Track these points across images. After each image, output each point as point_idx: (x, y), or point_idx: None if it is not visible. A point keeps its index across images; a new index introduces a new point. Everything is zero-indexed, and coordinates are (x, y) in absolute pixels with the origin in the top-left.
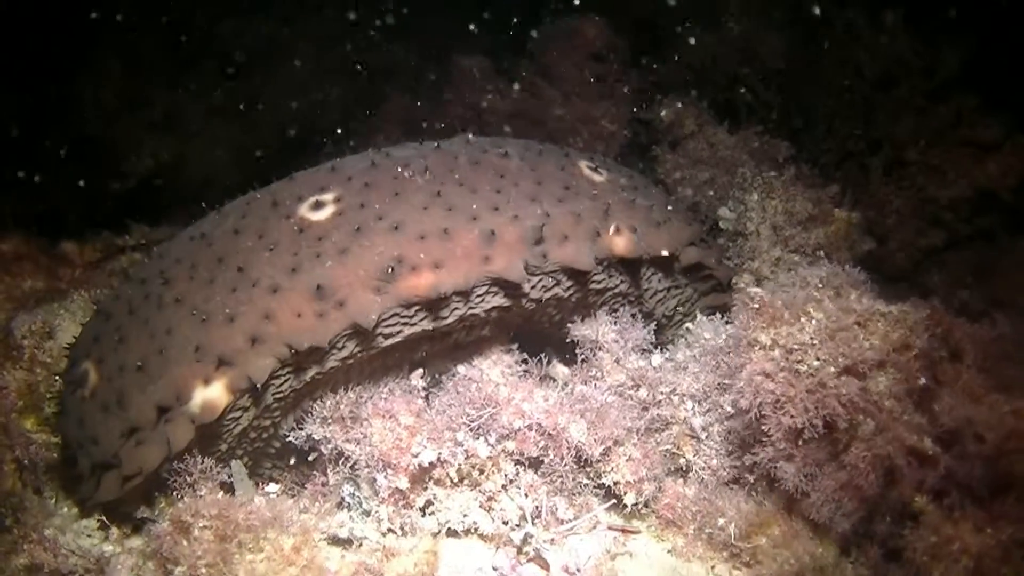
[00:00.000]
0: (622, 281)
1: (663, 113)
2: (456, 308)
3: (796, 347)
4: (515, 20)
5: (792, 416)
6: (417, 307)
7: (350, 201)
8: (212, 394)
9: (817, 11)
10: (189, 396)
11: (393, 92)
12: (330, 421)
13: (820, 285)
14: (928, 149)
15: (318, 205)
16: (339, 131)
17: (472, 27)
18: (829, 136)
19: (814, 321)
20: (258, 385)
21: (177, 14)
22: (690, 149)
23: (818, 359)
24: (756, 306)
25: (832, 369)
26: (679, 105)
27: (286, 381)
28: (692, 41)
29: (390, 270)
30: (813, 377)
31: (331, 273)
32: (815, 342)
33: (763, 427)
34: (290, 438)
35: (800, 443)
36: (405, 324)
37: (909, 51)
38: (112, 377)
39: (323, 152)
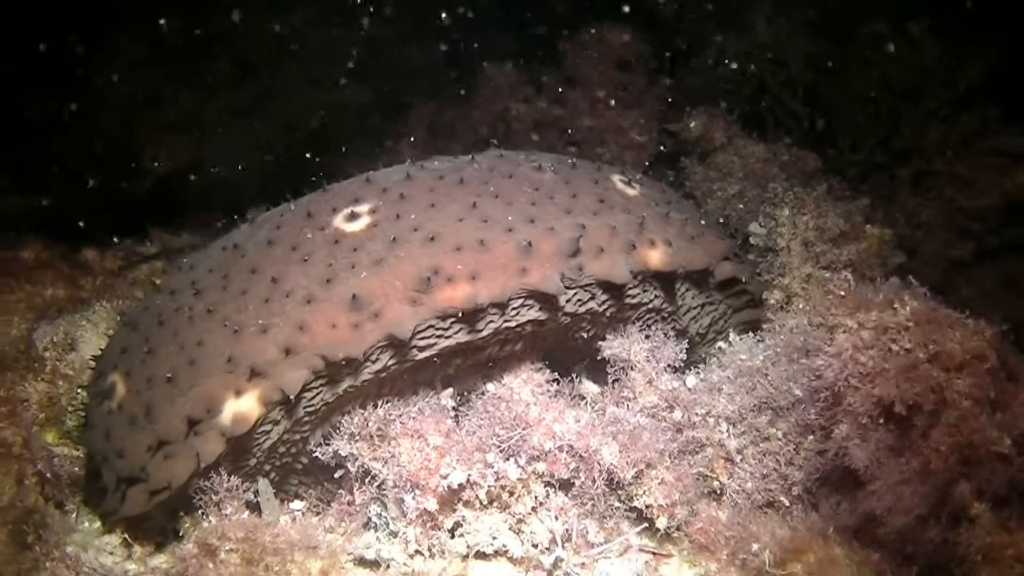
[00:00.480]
0: (656, 296)
1: (692, 124)
2: (491, 321)
3: (891, 326)
4: (540, 26)
5: (883, 388)
6: (453, 319)
7: (385, 212)
8: (244, 406)
9: (843, 21)
10: (220, 408)
11: (416, 96)
12: (358, 438)
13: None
14: (956, 159)
15: (353, 216)
16: (362, 135)
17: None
18: (856, 147)
19: (908, 308)
20: (291, 397)
21: (193, 13)
22: (719, 161)
23: (911, 342)
24: (842, 293)
25: (922, 355)
26: (708, 116)
27: (318, 394)
28: (720, 51)
29: (427, 280)
30: (906, 357)
31: (366, 284)
32: (910, 324)
33: (847, 400)
34: (317, 453)
35: (882, 420)
36: (440, 336)
37: (935, 61)
38: (140, 389)
39: (345, 156)
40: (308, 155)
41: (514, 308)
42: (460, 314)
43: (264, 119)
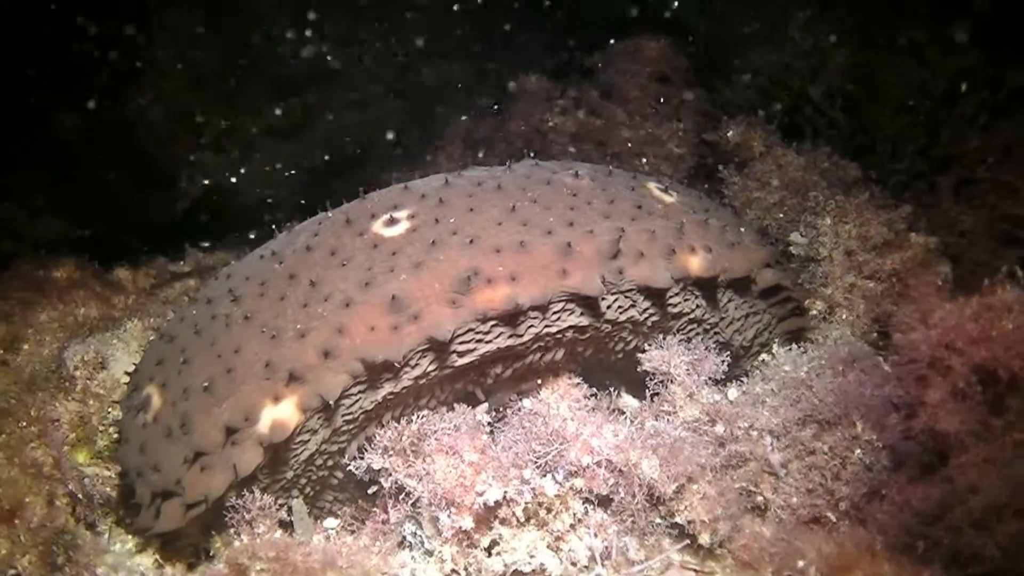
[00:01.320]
0: (698, 305)
1: (729, 134)
2: (532, 325)
3: (996, 304)
4: (574, 39)
5: (989, 353)
6: (493, 322)
7: (424, 217)
8: (282, 413)
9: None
10: (258, 416)
11: (451, 111)
12: (392, 452)
13: None
14: (998, 166)
15: (392, 222)
16: (398, 150)
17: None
18: (896, 155)
19: (1010, 293)
20: (330, 402)
21: (232, 32)
22: (758, 171)
23: (1013, 323)
24: (939, 281)
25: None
26: (746, 125)
27: (357, 401)
28: (758, 61)
29: (466, 282)
30: (1012, 332)
31: (406, 286)
32: (1014, 307)
33: (947, 363)
34: (351, 467)
35: (980, 388)
36: (480, 341)
37: (974, 67)
38: (176, 400)
39: (381, 171)
40: (345, 172)
41: (555, 312)
42: (501, 316)
43: (301, 138)
